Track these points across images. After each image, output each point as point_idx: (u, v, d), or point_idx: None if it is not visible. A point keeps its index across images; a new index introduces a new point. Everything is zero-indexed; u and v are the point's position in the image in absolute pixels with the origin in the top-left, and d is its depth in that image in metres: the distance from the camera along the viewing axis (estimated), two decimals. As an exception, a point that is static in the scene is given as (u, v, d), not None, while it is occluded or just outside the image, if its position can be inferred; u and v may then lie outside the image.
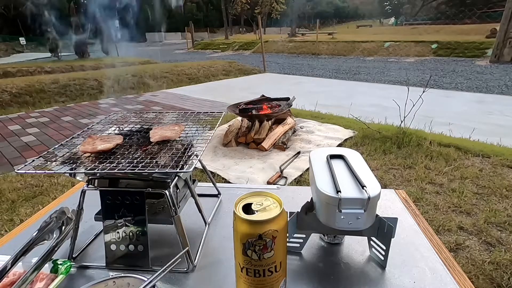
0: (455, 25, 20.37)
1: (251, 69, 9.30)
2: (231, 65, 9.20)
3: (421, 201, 2.10)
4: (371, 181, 0.49)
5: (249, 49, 17.42)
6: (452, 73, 8.19)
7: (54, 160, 0.56)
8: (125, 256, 0.56)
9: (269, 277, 0.42)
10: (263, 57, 9.28)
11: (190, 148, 0.60)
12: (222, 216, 0.73)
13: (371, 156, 2.79)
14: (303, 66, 10.79)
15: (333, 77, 8.25)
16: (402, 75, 8.08)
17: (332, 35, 18.08)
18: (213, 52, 18.95)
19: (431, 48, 12.28)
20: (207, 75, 8.17)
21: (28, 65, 9.72)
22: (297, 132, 3.34)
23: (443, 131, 3.38)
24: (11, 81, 6.29)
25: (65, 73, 8.42)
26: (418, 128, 3.26)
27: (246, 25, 37.34)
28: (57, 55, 12.90)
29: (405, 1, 41.84)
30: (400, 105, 3.01)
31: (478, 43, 11.61)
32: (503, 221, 1.86)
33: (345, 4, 49.02)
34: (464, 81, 7.07)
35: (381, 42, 13.83)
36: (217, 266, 0.57)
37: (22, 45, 20.57)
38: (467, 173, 2.42)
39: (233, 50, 18.48)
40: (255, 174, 2.46)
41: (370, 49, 13.61)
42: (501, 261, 1.56)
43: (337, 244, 0.61)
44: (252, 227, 0.39)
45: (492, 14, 22.64)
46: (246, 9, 26.53)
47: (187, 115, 0.78)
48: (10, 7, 27.22)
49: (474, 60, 10.57)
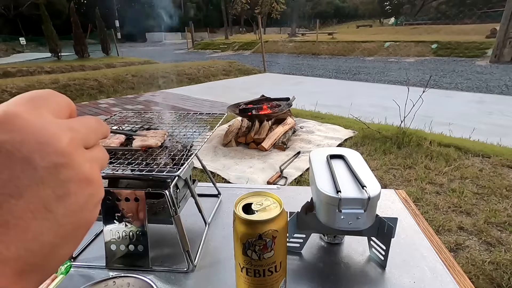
0: (455, 25, 20.37)
1: (251, 69, 9.30)
2: (231, 65, 9.20)
3: (421, 201, 2.10)
4: (371, 181, 0.49)
5: (249, 49, 17.42)
6: (452, 73, 8.19)
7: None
8: (125, 256, 0.56)
9: (269, 277, 0.42)
10: (263, 57, 9.28)
11: (190, 148, 0.60)
12: (222, 216, 0.73)
13: (371, 156, 2.79)
14: (303, 66, 10.79)
15: (333, 77, 8.25)
16: (402, 75, 8.08)
17: (332, 35, 18.08)
18: (213, 52, 18.95)
19: (431, 48, 12.28)
20: (207, 75, 8.17)
21: (28, 65, 9.73)
22: (297, 132, 3.34)
23: (443, 131, 3.38)
24: (11, 81, 6.29)
25: (65, 73, 8.42)
26: (418, 128, 3.26)
27: (246, 25, 37.36)
28: (57, 55, 12.89)
29: (405, 1, 41.84)
30: (400, 105, 3.01)
31: (478, 43, 11.61)
32: (503, 221, 1.86)
33: (345, 4, 49.03)
34: (464, 81, 7.07)
35: (381, 42, 13.83)
36: (217, 266, 0.57)
37: (22, 45, 20.57)
38: (467, 173, 2.42)
39: (233, 50, 18.47)
40: (255, 174, 2.46)
41: (370, 49, 13.62)
42: (501, 261, 1.56)
43: (337, 244, 0.61)
44: (252, 227, 0.39)
45: (492, 14, 22.65)
46: (246, 9, 26.51)
47: (189, 115, 0.78)
48: (10, 7, 27.23)
49: (474, 60, 10.57)
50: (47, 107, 0.18)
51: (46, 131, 0.16)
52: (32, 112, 0.17)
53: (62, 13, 26.48)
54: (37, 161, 0.16)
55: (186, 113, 0.79)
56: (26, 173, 0.15)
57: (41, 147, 0.16)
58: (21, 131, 0.16)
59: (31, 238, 0.15)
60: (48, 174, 0.16)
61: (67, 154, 0.17)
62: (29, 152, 0.15)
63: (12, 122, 0.16)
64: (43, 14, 12.05)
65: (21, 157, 0.15)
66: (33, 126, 0.16)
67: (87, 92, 6.33)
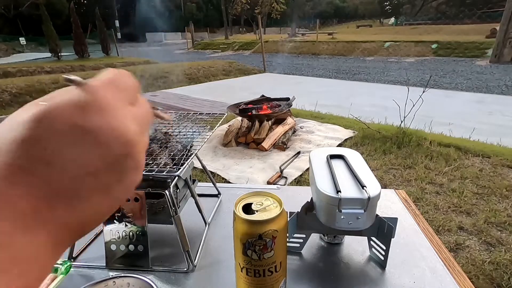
0: (455, 25, 20.35)
1: (251, 69, 9.30)
2: (231, 65, 9.20)
3: (421, 201, 2.10)
4: (371, 181, 0.49)
5: (249, 49, 17.41)
6: (452, 73, 8.19)
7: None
8: (125, 256, 0.56)
9: (269, 277, 0.42)
10: (263, 57, 9.28)
11: (190, 148, 0.60)
12: (222, 216, 0.73)
13: (371, 156, 2.79)
14: (303, 66, 10.79)
15: (333, 77, 8.25)
16: (402, 75, 8.08)
17: (332, 35, 18.07)
18: (213, 52, 18.95)
19: (431, 48, 12.28)
20: (207, 75, 8.17)
21: (28, 65, 9.73)
22: (297, 132, 3.34)
23: (443, 131, 3.38)
24: (11, 81, 6.29)
25: (65, 73, 8.41)
26: (418, 128, 3.26)
27: (246, 25, 37.34)
28: (57, 55, 12.89)
29: (405, 1, 41.83)
30: (400, 105, 3.01)
31: (478, 43, 11.61)
32: (503, 221, 1.86)
33: (345, 4, 49.01)
34: (464, 81, 7.06)
35: (381, 42, 13.83)
36: (217, 266, 0.57)
37: (22, 45, 20.56)
38: (467, 173, 2.42)
39: (233, 50, 18.47)
40: (255, 174, 2.46)
41: (370, 49, 13.61)
42: (501, 261, 1.56)
43: (337, 244, 0.61)
44: (252, 227, 0.39)
45: (492, 14, 22.64)
46: (246, 9, 26.51)
47: (189, 115, 0.78)
48: (10, 7, 27.23)
49: (474, 60, 10.57)
50: (125, 93, 0.20)
51: (122, 122, 0.18)
52: (114, 97, 0.19)
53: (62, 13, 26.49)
54: (112, 149, 0.17)
55: (186, 113, 0.79)
56: (103, 158, 0.17)
57: (116, 136, 0.18)
58: (106, 116, 0.17)
59: (92, 212, 0.18)
60: (116, 161, 0.18)
61: (133, 145, 0.19)
62: (108, 138, 0.17)
63: (100, 106, 0.17)
64: (43, 14, 12.06)
65: (102, 142, 0.17)
66: (114, 113, 0.18)
67: (87, 92, 6.32)
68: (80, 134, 0.17)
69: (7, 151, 0.16)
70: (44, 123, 0.16)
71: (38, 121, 0.16)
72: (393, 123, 3.42)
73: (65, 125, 0.16)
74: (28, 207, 0.15)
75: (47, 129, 0.16)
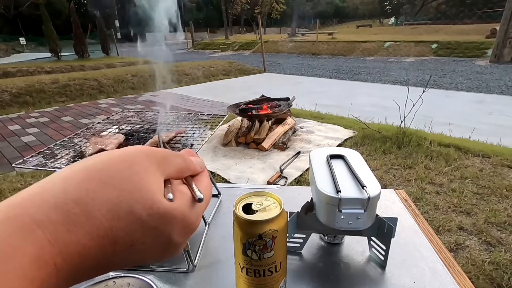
0: (455, 25, 20.35)
1: (251, 69, 9.30)
2: (231, 65, 9.20)
3: (421, 201, 2.10)
4: (371, 181, 0.49)
5: (249, 49, 17.42)
6: (452, 73, 8.19)
7: (53, 158, 0.56)
8: (125, 256, 0.56)
9: (269, 277, 0.42)
10: (263, 57, 9.28)
11: (190, 148, 0.60)
12: (222, 216, 0.72)
13: (371, 156, 2.79)
14: (303, 66, 10.79)
15: (333, 77, 8.25)
16: (402, 75, 8.08)
17: (332, 35, 18.07)
18: (213, 52, 18.96)
19: (431, 48, 12.28)
20: (207, 75, 8.17)
21: (28, 65, 9.73)
22: (297, 132, 3.34)
23: (443, 131, 3.38)
24: (11, 81, 6.29)
25: (65, 73, 8.41)
26: (418, 128, 3.26)
27: (246, 25, 37.34)
28: (57, 55, 12.88)
29: (405, 1, 41.82)
30: (400, 105, 3.01)
31: (478, 43, 11.61)
32: (503, 221, 1.86)
33: (345, 4, 49.01)
34: (464, 81, 7.06)
35: (381, 42, 13.83)
36: (217, 266, 0.57)
37: (22, 45, 20.57)
38: (467, 173, 2.42)
39: (233, 50, 18.47)
40: (255, 174, 2.46)
41: (370, 49, 13.62)
42: (501, 261, 1.56)
43: (337, 244, 0.61)
44: (252, 227, 0.39)
45: (492, 14, 22.66)
46: (246, 9, 26.52)
47: (189, 116, 0.78)
48: (10, 7, 27.23)
49: (474, 60, 10.57)
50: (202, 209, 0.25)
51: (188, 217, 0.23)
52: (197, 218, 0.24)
53: (62, 13, 26.49)
54: (168, 235, 0.22)
55: (186, 113, 0.79)
56: (153, 239, 0.21)
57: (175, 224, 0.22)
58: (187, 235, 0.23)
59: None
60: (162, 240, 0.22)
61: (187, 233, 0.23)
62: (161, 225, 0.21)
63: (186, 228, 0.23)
64: (43, 14, 12.06)
65: (152, 227, 0.20)
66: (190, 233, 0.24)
67: (87, 92, 6.32)
68: (167, 243, 0.21)
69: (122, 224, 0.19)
70: (164, 221, 0.20)
71: (162, 217, 0.20)
72: (393, 123, 3.42)
73: (165, 233, 0.21)
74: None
75: (159, 225, 0.20)
